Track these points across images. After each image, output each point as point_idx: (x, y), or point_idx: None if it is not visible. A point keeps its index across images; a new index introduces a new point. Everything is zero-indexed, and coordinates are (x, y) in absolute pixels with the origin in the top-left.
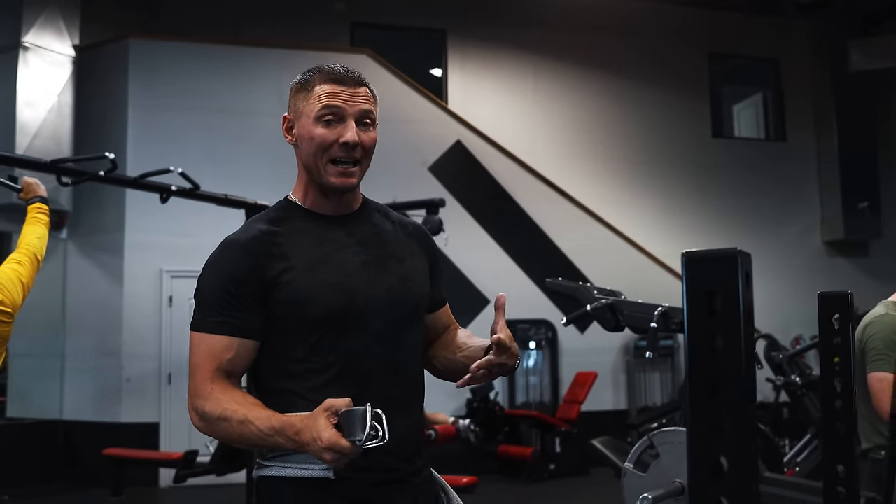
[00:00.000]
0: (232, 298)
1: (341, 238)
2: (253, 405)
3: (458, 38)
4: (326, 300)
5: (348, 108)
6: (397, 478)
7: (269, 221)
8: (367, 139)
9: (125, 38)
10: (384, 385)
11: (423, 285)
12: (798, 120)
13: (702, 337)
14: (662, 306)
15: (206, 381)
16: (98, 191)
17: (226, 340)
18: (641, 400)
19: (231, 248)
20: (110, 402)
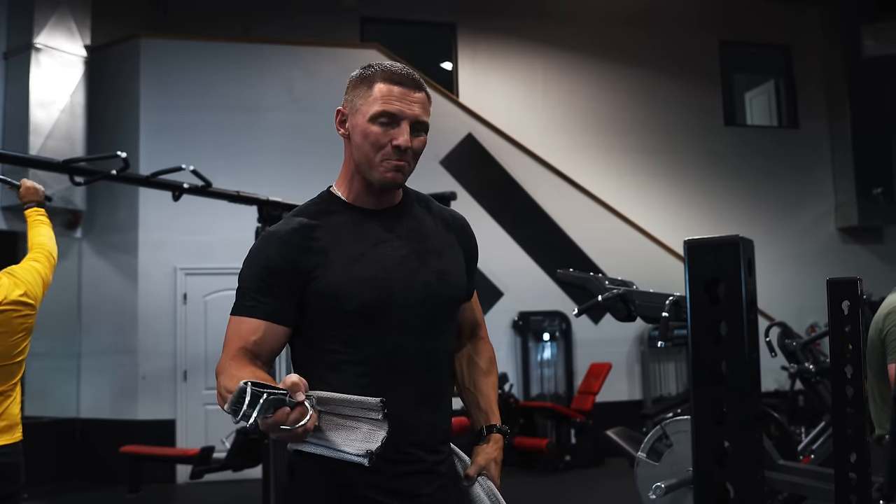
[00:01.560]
0: (265, 286)
1: (381, 233)
2: (252, 375)
3: (467, 32)
4: (360, 295)
5: (405, 112)
6: (423, 468)
7: (310, 215)
8: (418, 144)
9: (136, 38)
10: (418, 379)
11: (460, 279)
12: (810, 107)
13: (704, 324)
14: (674, 295)
15: (227, 358)
16: (112, 190)
17: (254, 323)
18: (656, 390)
19: (270, 241)
20: (127, 400)
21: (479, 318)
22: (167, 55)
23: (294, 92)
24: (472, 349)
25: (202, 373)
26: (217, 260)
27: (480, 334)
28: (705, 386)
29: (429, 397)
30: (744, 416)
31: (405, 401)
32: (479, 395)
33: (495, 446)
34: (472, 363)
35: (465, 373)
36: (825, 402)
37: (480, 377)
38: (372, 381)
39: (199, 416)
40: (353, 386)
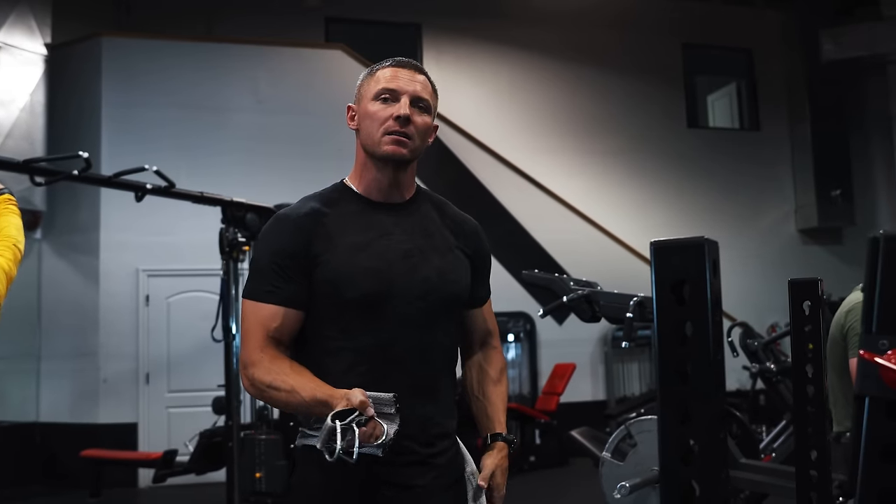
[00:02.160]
0: (281, 270)
1: (387, 225)
2: (300, 375)
3: (432, 32)
4: (362, 284)
5: (404, 88)
6: (417, 460)
7: (322, 201)
8: (420, 121)
9: (98, 36)
10: (412, 371)
11: (462, 279)
12: (771, 109)
13: (670, 325)
14: (638, 296)
15: (257, 349)
16: (73, 190)
17: (273, 309)
18: (620, 390)
19: (283, 223)
20: (87, 404)
21: (491, 327)
22: (129, 54)
23: (258, 92)
24: (482, 358)
25: (164, 375)
26: (180, 261)
27: (492, 343)
28: (671, 385)
29: (423, 391)
30: (709, 415)
31: (398, 392)
32: (487, 404)
33: (500, 454)
34: (483, 372)
35: (475, 381)
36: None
37: (490, 386)
38: (366, 370)
39: (161, 420)
40: (347, 373)
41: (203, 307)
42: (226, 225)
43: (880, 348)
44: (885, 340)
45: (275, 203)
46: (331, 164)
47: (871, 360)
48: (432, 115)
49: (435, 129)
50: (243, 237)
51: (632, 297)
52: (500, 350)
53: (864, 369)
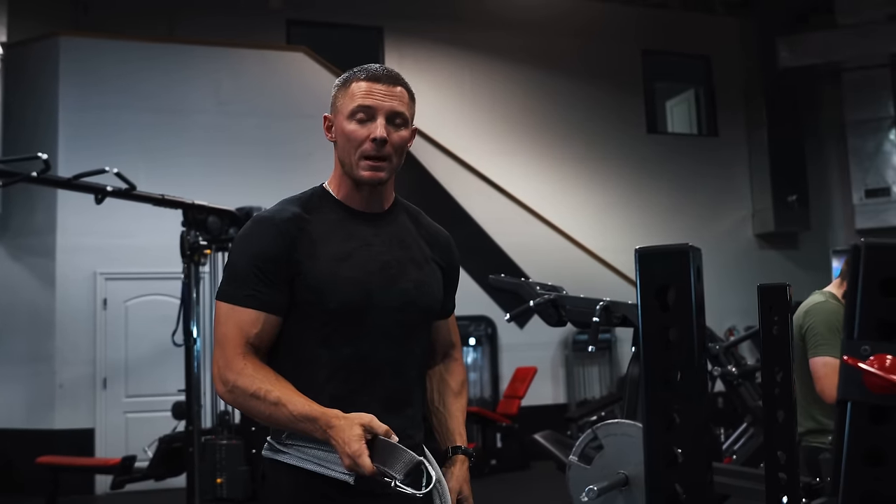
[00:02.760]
0: (261, 273)
1: (368, 236)
2: (286, 388)
3: (394, 36)
4: (344, 294)
5: (380, 105)
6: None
7: (303, 207)
8: (397, 138)
9: (55, 35)
10: (387, 384)
11: (437, 293)
12: (729, 115)
13: (655, 331)
14: (604, 301)
15: (238, 355)
16: (28, 192)
17: (253, 314)
18: (580, 393)
19: (264, 225)
20: (43, 409)
21: (454, 339)
22: (87, 54)
23: (219, 94)
24: (444, 369)
25: (122, 380)
26: (138, 264)
27: (454, 355)
28: (656, 391)
29: (396, 404)
30: (694, 420)
31: (372, 404)
32: (447, 416)
33: (462, 467)
34: (444, 383)
35: (436, 393)
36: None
37: (450, 398)
38: (343, 381)
39: (118, 425)
40: (325, 383)
41: (162, 311)
42: (187, 228)
43: (862, 354)
44: (867, 346)
45: (236, 206)
46: (293, 166)
47: (854, 366)
48: (410, 124)
49: (414, 133)
50: (204, 240)
51: (597, 301)
52: (461, 362)
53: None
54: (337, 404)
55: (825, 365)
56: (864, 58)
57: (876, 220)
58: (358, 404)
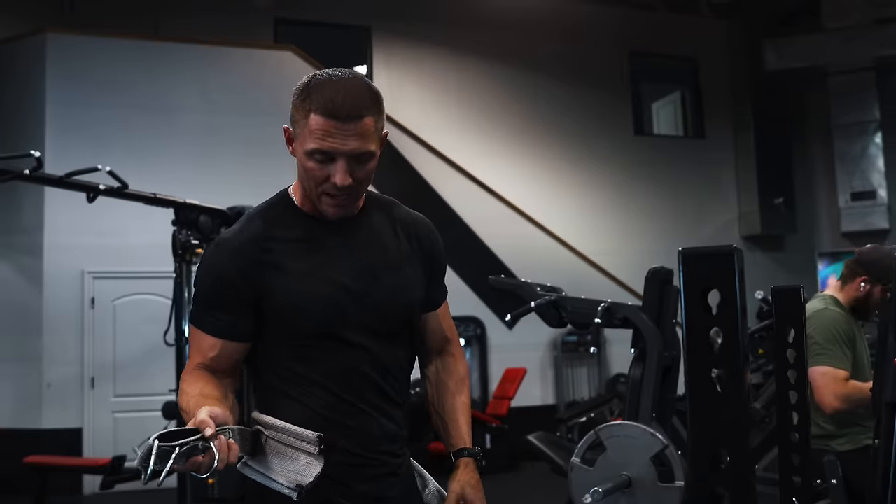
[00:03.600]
0: (217, 299)
1: (336, 246)
2: (198, 395)
3: (382, 36)
4: (316, 313)
5: (339, 149)
6: (388, 471)
7: (266, 222)
8: (361, 174)
9: (42, 33)
10: (371, 393)
11: (416, 293)
12: (716, 117)
13: (699, 332)
14: (605, 302)
15: (189, 371)
16: (15, 190)
17: (211, 340)
18: (569, 394)
19: (221, 249)
20: (30, 409)
21: (448, 333)
22: (75, 51)
23: (208, 92)
24: (441, 367)
25: (110, 380)
26: (127, 263)
27: (451, 350)
28: (701, 393)
29: (386, 408)
30: (738, 421)
31: (367, 413)
32: (447, 419)
33: (466, 470)
34: (441, 384)
35: (434, 395)
36: None
37: (449, 399)
38: (328, 396)
39: (107, 425)
40: (309, 400)
41: (150, 310)
42: (178, 227)
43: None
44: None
45: (227, 205)
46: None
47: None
48: (378, 149)
49: (384, 136)
50: (196, 239)
51: (599, 303)
52: (459, 357)
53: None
54: (333, 414)
55: (823, 375)
56: (850, 61)
57: (861, 224)
58: (351, 415)
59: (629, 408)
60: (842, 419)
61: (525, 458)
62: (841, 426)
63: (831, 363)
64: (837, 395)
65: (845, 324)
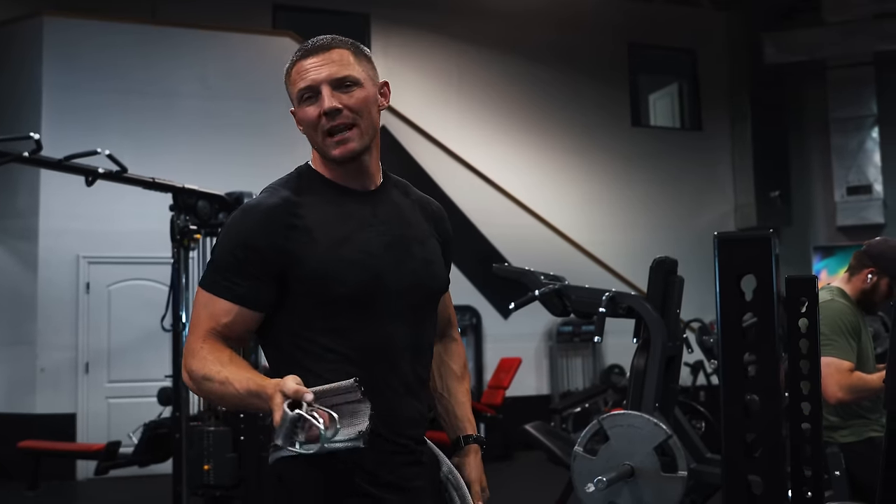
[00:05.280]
0: (239, 263)
1: (366, 216)
2: (236, 365)
3: (381, 23)
4: (351, 278)
5: (318, 78)
6: (413, 459)
7: (293, 190)
8: (352, 100)
9: (39, 16)
10: (404, 368)
11: (442, 269)
12: (713, 110)
13: (733, 319)
14: (610, 291)
15: (199, 339)
16: (10, 173)
17: (226, 305)
18: (564, 385)
19: (250, 213)
20: (24, 393)
21: (451, 317)
22: (72, 35)
23: (206, 77)
24: (443, 350)
25: (105, 365)
26: (122, 249)
27: (452, 334)
28: (734, 381)
29: (415, 388)
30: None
31: (396, 392)
32: (454, 403)
33: (478, 457)
34: (445, 366)
35: (437, 377)
36: None
37: (454, 382)
38: (358, 372)
39: (101, 410)
40: (340, 375)
41: (146, 295)
42: (176, 212)
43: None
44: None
45: (226, 191)
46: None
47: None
48: (367, 82)
49: (384, 88)
50: (194, 225)
51: (603, 292)
52: (460, 342)
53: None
54: None
55: (828, 365)
56: (849, 55)
57: (857, 218)
58: (383, 392)
59: (632, 397)
60: (846, 411)
61: (519, 448)
62: (845, 418)
63: (837, 354)
64: (842, 385)
65: (851, 315)
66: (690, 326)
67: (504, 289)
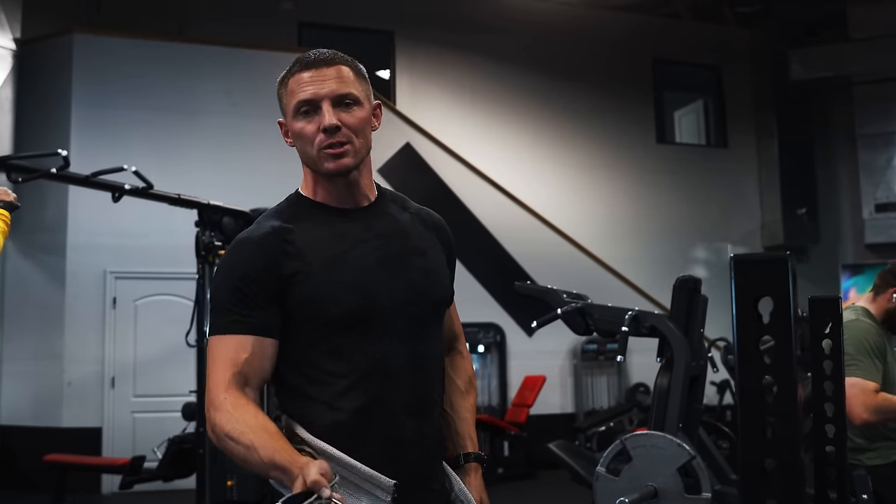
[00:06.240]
0: (244, 297)
1: (359, 233)
2: (262, 430)
3: (405, 41)
4: (345, 300)
5: (319, 93)
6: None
7: (282, 218)
8: (351, 119)
9: (69, 33)
10: (407, 387)
11: (445, 279)
12: (739, 127)
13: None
14: (633, 311)
15: (221, 389)
16: (40, 189)
17: (240, 339)
18: (588, 403)
19: (243, 246)
20: (51, 407)
21: (457, 329)
22: (101, 52)
23: (232, 94)
24: (449, 364)
25: (131, 379)
26: (148, 264)
27: (459, 348)
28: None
29: (420, 408)
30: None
31: (394, 412)
32: (456, 419)
33: (477, 475)
34: (449, 381)
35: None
36: None
37: (458, 398)
38: (361, 393)
39: (126, 425)
40: (338, 400)
41: (172, 311)
42: (202, 228)
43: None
44: None
45: (251, 207)
46: None
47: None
48: (365, 102)
49: (377, 109)
50: (219, 241)
51: (626, 311)
52: (467, 356)
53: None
54: (363, 418)
55: (853, 386)
56: (876, 71)
57: (886, 235)
58: (382, 414)
59: (656, 417)
60: (872, 433)
61: (543, 467)
62: (871, 440)
63: (862, 374)
64: (868, 406)
65: (876, 335)
66: (716, 345)
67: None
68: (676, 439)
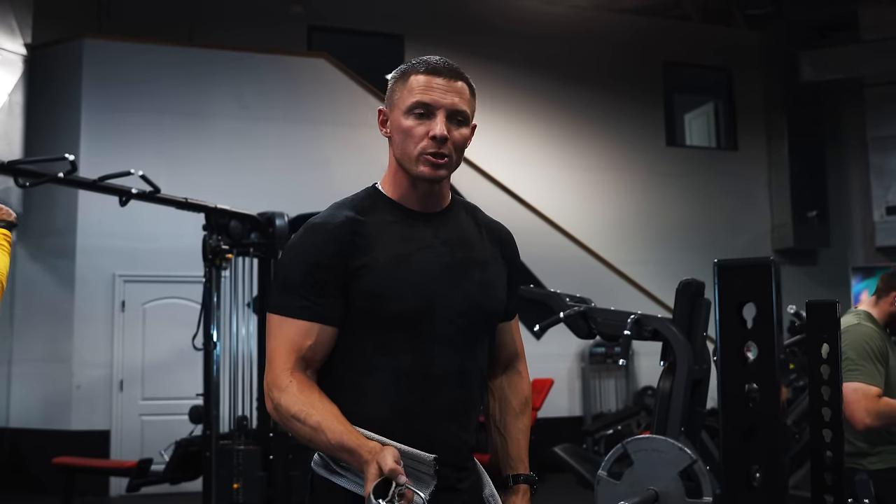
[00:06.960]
0: (315, 283)
1: (426, 237)
2: (328, 413)
3: (415, 44)
4: (404, 298)
5: (439, 101)
6: (446, 485)
7: (356, 209)
8: (458, 136)
9: (79, 38)
10: (450, 394)
11: (502, 294)
12: (749, 129)
13: (734, 346)
14: (635, 314)
15: (286, 371)
16: (49, 193)
17: (307, 326)
18: (596, 406)
19: (317, 232)
20: (60, 409)
21: (518, 347)
22: (110, 57)
23: (241, 98)
24: (506, 383)
25: (139, 382)
26: (157, 267)
27: (518, 367)
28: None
29: (458, 414)
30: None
31: (435, 415)
32: (508, 440)
33: (524, 498)
34: (506, 401)
35: (497, 411)
36: None
37: (511, 418)
38: (404, 391)
39: (134, 428)
40: (384, 394)
41: (180, 314)
42: (209, 232)
43: None
44: None
45: (259, 211)
46: (313, 172)
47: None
48: (471, 121)
49: (473, 129)
50: (226, 244)
51: (628, 314)
52: (526, 376)
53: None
54: (399, 416)
55: (855, 391)
56: (888, 73)
57: None
58: (421, 415)
59: (658, 421)
60: (874, 437)
61: (551, 470)
62: (873, 444)
63: (864, 379)
64: (870, 411)
65: (879, 340)
66: None
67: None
68: (678, 443)
